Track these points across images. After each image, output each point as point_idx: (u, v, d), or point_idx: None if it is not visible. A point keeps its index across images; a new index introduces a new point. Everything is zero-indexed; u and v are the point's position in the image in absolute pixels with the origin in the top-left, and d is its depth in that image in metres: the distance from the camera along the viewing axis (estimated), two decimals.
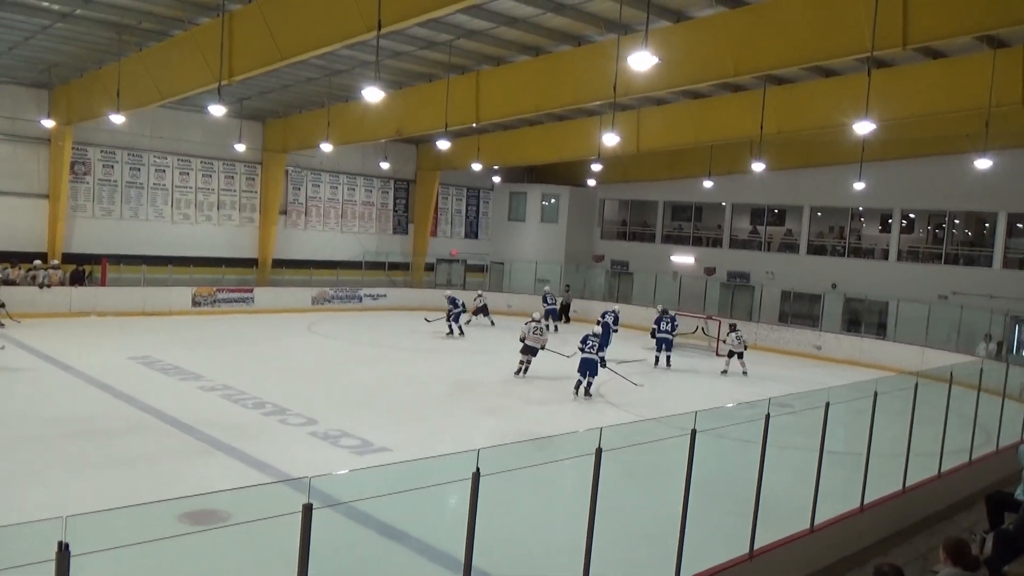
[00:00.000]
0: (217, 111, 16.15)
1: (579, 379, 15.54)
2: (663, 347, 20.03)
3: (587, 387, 15.50)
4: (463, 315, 23.44)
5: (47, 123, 21.48)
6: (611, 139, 16.19)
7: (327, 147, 22.75)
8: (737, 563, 6.72)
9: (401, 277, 30.96)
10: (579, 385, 15.54)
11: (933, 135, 21.38)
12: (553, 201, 33.79)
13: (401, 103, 20.92)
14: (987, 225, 24.88)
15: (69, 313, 21.08)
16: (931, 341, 21.86)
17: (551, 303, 26.70)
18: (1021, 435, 11.73)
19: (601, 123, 20.97)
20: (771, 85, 17.93)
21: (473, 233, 34.54)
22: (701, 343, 23.21)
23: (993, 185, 22.06)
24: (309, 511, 3.92)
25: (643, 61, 10.52)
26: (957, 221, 25.87)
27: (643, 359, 20.05)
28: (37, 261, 22.28)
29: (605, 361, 16.12)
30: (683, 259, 30.96)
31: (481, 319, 25.60)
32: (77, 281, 22.50)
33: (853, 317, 25.64)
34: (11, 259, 22.05)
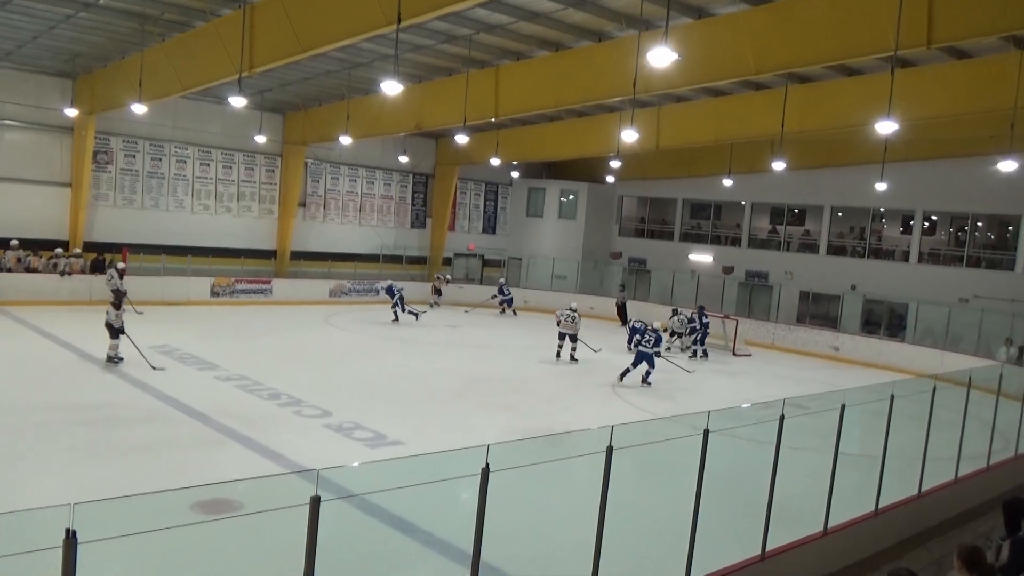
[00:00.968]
0: (238, 103, 16.27)
1: (628, 368, 16.41)
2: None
3: (645, 376, 16.43)
4: (408, 303, 24.60)
5: (70, 112, 21.68)
6: (630, 136, 16.10)
7: (346, 140, 22.80)
8: (749, 564, 6.69)
9: (419, 271, 31.05)
10: (625, 373, 16.43)
11: (957, 136, 21.08)
12: (571, 197, 33.70)
13: (420, 97, 20.93)
14: (1010, 228, 24.51)
15: (90, 301, 21.28)
16: (951, 344, 21.64)
17: (507, 294, 27.70)
18: None
19: (620, 120, 20.96)
20: (793, 83, 17.77)
21: (491, 228, 34.54)
22: (718, 342, 23.09)
23: (1017, 187, 21.78)
24: (317, 503, 3.95)
25: (663, 57, 10.44)
26: (980, 223, 25.55)
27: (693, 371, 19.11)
28: (59, 249, 22.49)
29: (660, 354, 16.96)
30: (701, 257, 30.82)
31: (442, 304, 27.83)
32: (98, 270, 22.70)
33: (872, 319, 25.40)
34: (33, 247, 22.29)
